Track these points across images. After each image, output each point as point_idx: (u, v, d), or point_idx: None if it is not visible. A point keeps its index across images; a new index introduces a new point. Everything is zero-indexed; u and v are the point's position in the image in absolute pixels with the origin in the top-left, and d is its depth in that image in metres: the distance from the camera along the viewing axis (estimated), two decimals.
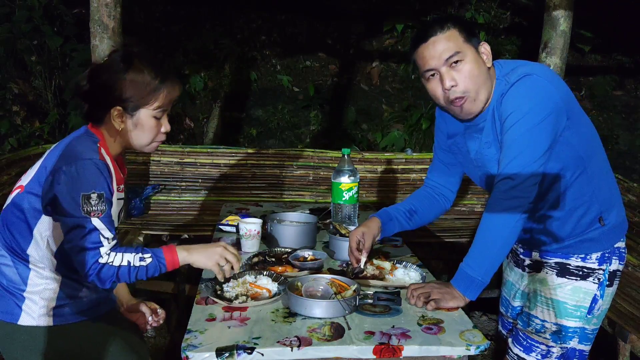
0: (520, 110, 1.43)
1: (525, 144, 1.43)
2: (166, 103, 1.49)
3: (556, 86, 1.45)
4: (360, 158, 3.76)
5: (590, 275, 1.57)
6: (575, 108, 1.50)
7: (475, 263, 1.49)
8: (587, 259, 1.58)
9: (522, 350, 1.64)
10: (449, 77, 1.48)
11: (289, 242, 1.95)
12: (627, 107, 5.82)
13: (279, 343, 1.28)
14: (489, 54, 1.51)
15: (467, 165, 1.69)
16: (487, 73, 1.50)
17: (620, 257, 1.61)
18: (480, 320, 3.34)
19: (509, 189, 1.43)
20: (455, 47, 1.46)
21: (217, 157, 3.70)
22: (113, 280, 1.38)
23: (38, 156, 3.56)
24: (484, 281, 1.48)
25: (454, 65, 1.47)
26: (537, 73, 1.45)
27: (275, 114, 5.45)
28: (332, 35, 6.05)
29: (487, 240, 1.48)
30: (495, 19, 6.04)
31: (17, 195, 1.45)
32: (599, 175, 1.56)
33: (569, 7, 3.37)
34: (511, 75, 1.48)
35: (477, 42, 1.50)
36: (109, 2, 3.00)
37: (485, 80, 1.49)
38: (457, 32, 1.47)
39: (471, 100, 1.50)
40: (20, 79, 4.95)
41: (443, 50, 1.47)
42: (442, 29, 1.47)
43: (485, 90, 1.50)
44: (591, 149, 1.54)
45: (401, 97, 5.67)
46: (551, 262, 1.62)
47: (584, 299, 1.57)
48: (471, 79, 1.47)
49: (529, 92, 1.43)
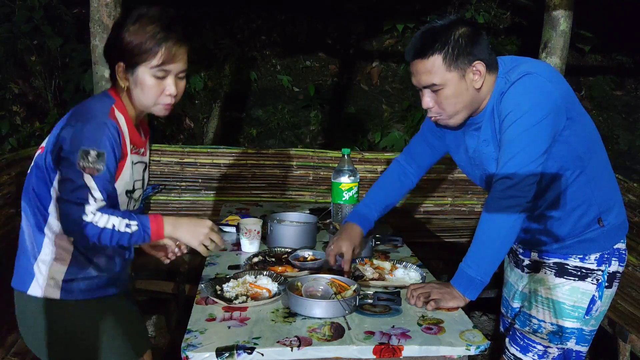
0: (520, 110, 1.42)
1: (524, 144, 1.42)
2: (167, 62, 1.41)
3: (556, 85, 1.45)
4: (360, 158, 3.76)
5: (589, 275, 1.57)
6: (575, 107, 1.50)
7: (474, 263, 1.49)
8: (586, 259, 1.57)
9: (519, 350, 1.64)
10: (425, 100, 1.51)
11: (289, 242, 1.95)
12: (627, 107, 5.82)
13: (279, 343, 1.28)
14: (481, 74, 1.47)
15: (465, 164, 1.69)
16: (474, 94, 1.49)
17: (620, 259, 1.60)
18: (480, 320, 3.34)
19: (506, 188, 1.43)
20: (434, 78, 1.46)
21: (217, 157, 3.70)
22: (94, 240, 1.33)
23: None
24: (484, 281, 1.48)
25: (433, 89, 1.48)
26: (537, 72, 1.44)
27: (275, 114, 5.45)
28: (332, 35, 6.04)
29: (486, 239, 1.48)
30: (495, 19, 6.04)
31: (38, 156, 1.46)
32: (599, 176, 1.56)
33: (569, 7, 3.37)
34: (512, 73, 1.47)
35: (467, 63, 1.45)
36: (109, 2, 3.00)
37: (468, 103, 1.49)
38: (440, 60, 1.45)
39: (445, 120, 1.54)
40: (20, 79, 4.95)
41: (421, 77, 1.48)
42: (424, 55, 1.46)
43: (466, 110, 1.51)
44: (591, 149, 1.54)
45: (401, 97, 5.67)
46: (550, 262, 1.62)
47: (581, 300, 1.57)
48: (448, 106, 1.49)
49: (528, 91, 1.43)
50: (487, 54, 1.48)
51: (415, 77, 1.51)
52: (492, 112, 1.51)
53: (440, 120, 1.56)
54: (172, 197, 3.64)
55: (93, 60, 3.09)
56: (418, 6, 5.98)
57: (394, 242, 2.00)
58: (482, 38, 1.48)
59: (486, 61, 1.47)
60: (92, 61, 3.11)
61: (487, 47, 1.49)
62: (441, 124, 1.58)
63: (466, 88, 1.47)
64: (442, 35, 1.45)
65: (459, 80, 1.46)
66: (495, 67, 1.51)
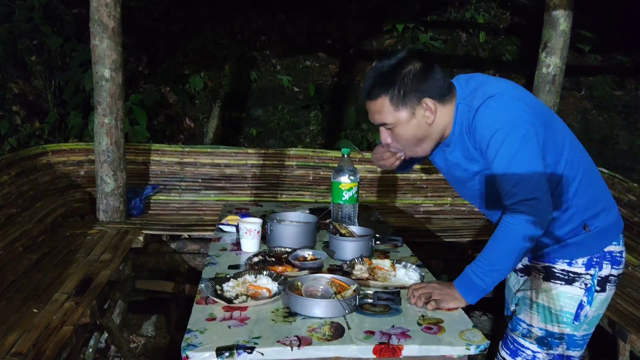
0: (498, 136, 1.39)
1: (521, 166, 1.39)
2: None
3: (521, 101, 1.43)
4: (360, 158, 3.76)
5: (577, 280, 1.54)
6: (547, 116, 1.48)
7: (482, 272, 1.46)
8: (573, 263, 1.55)
9: (509, 353, 1.63)
10: (383, 137, 1.56)
11: (289, 242, 1.95)
12: (627, 107, 5.81)
13: (279, 343, 1.28)
14: (432, 111, 1.47)
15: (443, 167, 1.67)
16: (428, 128, 1.50)
17: (613, 262, 1.56)
18: (480, 320, 3.34)
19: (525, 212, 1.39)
20: (384, 118, 1.50)
21: (217, 157, 3.70)
22: None
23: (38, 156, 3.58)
24: (487, 289, 1.46)
25: (387, 127, 1.52)
26: (498, 92, 1.43)
27: (275, 114, 5.45)
28: (332, 35, 6.04)
29: (500, 254, 1.45)
30: (495, 19, 6.04)
31: None
32: (578, 182, 1.52)
33: (569, 7, 3.37)
34: (473, 100, 1.45)
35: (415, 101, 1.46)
36: (109, 2, 3.00)
37: (424, 137, 1.52)
38: (387, 101, 1.47)
39: (410, 152, 1.57)
40: (20, 79, 4.95)
41: (374, 116, 1.53)
42: (372, 97, 1.49)
43: (427, 142, 1.53)
44: (563, 157, 1.50)
45: None
46: (538, 266, 1.61)
47: (569, 305, 1.55)
48: (404, 141, 1.53)
49: (498, 115, 1.41)
50: (437, 88, 1.47)
51: (369, 116, 1.55)
52: (461, 134, 1.49)
53: (406, 153, 1.58)
54: (172, 197, 3.64)
55: (93, 60, 3.09)
56: (418, 6, 5.98)
57: (394, 242, 2.00)
58: (433, 72, 1.47)
59: (436, 97, 1.47)
60: (92, 61, 3.11)
61: (439, 79, 1.48)
62: (410, 155, 1.59)
63: (417, 125, 1.49)
64: (389, 76, 1.47)
65: (409, 118, 1.48)
66: (450, 95, 1.50)
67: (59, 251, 2.71)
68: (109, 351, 2.81)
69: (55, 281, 2.33)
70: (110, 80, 3.10)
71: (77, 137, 4.57)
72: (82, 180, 3.49)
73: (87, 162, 3.49)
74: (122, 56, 3.14)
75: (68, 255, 2.66)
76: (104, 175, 3.21)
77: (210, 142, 5.07)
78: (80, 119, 4.62)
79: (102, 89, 3.12)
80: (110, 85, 3.11)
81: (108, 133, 3.16)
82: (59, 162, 3.44)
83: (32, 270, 2.45)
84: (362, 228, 2.02)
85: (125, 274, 2.90)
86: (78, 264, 2.52)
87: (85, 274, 2.41)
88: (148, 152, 3.68)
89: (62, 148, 3.51)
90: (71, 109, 4.69)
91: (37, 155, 3.32)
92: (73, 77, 4.68)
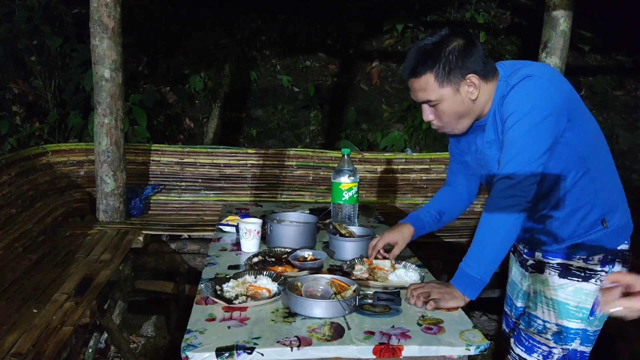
0: (521, 111, 1.43)
1: (525, 144, 1.44)
2: None
3: (557, 87, 1.46)
4: (360, 158, 3.76)
5: (593, 277, 1.57)
6: (578, 108, 1.50)
7: (474, 262, 1.49)
8: (590, 260, 1.57)
9: (524, 350, 1.64)
10: (425, 114, 1.57)
11: (289, 242, 1.95)
12: (627, 107, 5.82)
13: (279, 343, 1.28)
14: (476, 86, 1.49)
15: (474, 164, 1.70)
16: (471, 105, 1.52)
17: (624, 261, 1.60)
18: (480, 320, 3.34)
19: (507, 187, 1.44)
20: (428, 95, 1.51)
21: (217, 157, 3.70)
22: None
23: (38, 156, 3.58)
24: (484, 280, 1.48)
25: (430, 104, 1.53)
26: (537, 74, 1.46)
27: (275, 114, 5.45)
28: (332, 35, 6.04)
29: (486, 239, 1.49)
30: (495, 19, 6.03)
31: None
32: (603, 177, 1.56)
33: (569, 7, 3.37)
34: (512, 77, 1.49)
35: (459, 77, 1.48)
36: (109, 2, 3.00)
37: (466, 113, 1.53)
38: (431, 78, 1.48)
39: (449, 130, 1.59)
40: (20, 79, 4.95)
41: (417, 94, 1.54)
42: (417, 74, 1.50)
43: (468, 119, 1.55)
44: (595, 150, 1.54)
45: (401, 97, 5.67)
46: (553, 263, 1.62)
47: (585, 301, 1.57)
48: (446, 118, 1.54)
49: (529, 94, 1.44)
50: (481, 65, 1.49)
51: (412, 94, 1.56)
52: (495, 115, 1.53)
53: (444, 131, 1.60)
54: (172, 197, 3.64)
55: (93, 60, 3.09)
56: (418, 6, 5.98)
57: None
58: (475, 49, 1.49)
59: (480, 72, 1.49)
60: (92, 61, 3.11)
61: (482, 57, 1.50)
62: (447, 133, 1.63)
63: (462, 101, 1.51)
64: (432, 53, 1.48)
65: (453, 94, 1.50)
66: (493, 74, 1.52)
67: (59, 251, 2.71)
68: (109, 351, 2.81)
69: (55, 281, 2.33)
70: (110, 80, 3.10)
71: (77, 137, 4.57)
72: (82, 181, 3.49)
73: (87, 162, 3.49)
74: (122, 56, 3.14)
75: (68, 256, 2.65)
76: (104, 176, 3.21)
77: (210, 142, 5.06)
78: (80, 119, 4.62)
79: (102, 89, 3.12)
80: (110, 86, 3.11)
81: (108, 133, 3.16)
82: (59, 162, 3.44)
83: (32, 270, 2.45)
84: (362, 228, 2.03)
85: (125, 274, 2.90)
86: (78, 264, 2.52)
87: (85, 274, 2.41)
88: (148, 152, 3.68)
89: (62, 148, 3.51)
90: (71, 109, 4.69)
91: (37, 155, 3.32)
92: (73, 77, 4.68)
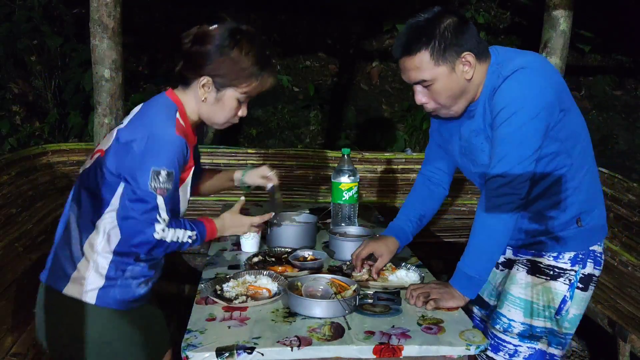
0: (512, 107, 1.40)
1: (517, 142, 1.41)
2: (255, 92, 1.48)
3: (550, 81, 1.43)
4: (360, 158, 3.76)
5: (562, 275, 1.56)
6: (567, 102, 1.48)
7: (471, 261, 1.49)
8: (560, 258, 1.56)
9: (490, 349, 1.62)
10: (418, 96, 1.50)
11: (289, 242, 1.95)
12: (627, 107, 5.82)
13: (279, 343, 1.28)
14: (471, 64, 1.45)
15: (457, 154, 1.66)
16: (466, 84, 1.47)
17: (595, 262, 1.58)
18: None
19: (500, 186, 1.43)
20: (423, 74, 1.44)
21: (217, 157, 3.70)
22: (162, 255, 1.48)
23: (38, 156, 3.56)
24: (482, 278, 1.48)
25: (424, 85, 1.47)
26: (530, 66, 1.42)
27: (275, 114, 5.45)
28: (332, 35, 6.04)
29: (482, 238, 1.49)
30: (495, 19, 6.04)
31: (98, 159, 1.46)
32: (583, 174, 1.54)
33: (569, 7, 3.37)
34: (505, 67, 1.44)
35: (455, 55, 1.43)
36: (109, 2, 3.00)
37: (461, 93, 1.47)
38: (427, 56, 1.42)
39: (445, 111, 1.52)
40: (20, 79, 4.95)
41: (410, 73, 1.47)
42: (411, 52, 1.43)
43: (463, 100, 1.49)
44: (578, 145, 1.52)
45: (401, 97, 5.67)
46: (523, 260, 1.62)
47: (553, 300, 1.56)
48: (441, 98, 1.48)
49: (521, 87, 1.40)
50: (475, 43, 1.45)
51: (404, 74, 1.49)
52: (484, 105, 1.49)
53: (440, 113, 1.54)
54: None
55: (93, 60, 3.09)
56: (418, 6, 5.97)
57: None
58: (469, 27, 1.45)
59: (475, 50, 1.45)
60: (92, 61, 3.11)
61: (475, 35, 1.46)
62: (443, 116, 1.56)
63: (457, 80, 1.45)
64: (427, 30, 1.42)
65: (448, 73, 1.44)
66: (486, 56, 1.49)
67: None
68: None
69: None
70: (110, 80, 3.10)
71: (77, 137, 4.57)
72: None
73: None
74: (122, 56, 3.13)
75: None
76: None
77: (210, 142, 5.06)
78: (80, 119, 4.62)
79: (102, 89, 3.11)
80: (110, 85, 3.11)
81: None
82: (59, 162, 3.44)
83: (32, 270, 2.45)
84: (362, 228, 2.03)
85: None
86: None
87: None
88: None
89: (62, 148, 3.50)
90: (71, 109, 4.69)
91: (37, 155, 3.31)
92: (73, 77, 4.68)
